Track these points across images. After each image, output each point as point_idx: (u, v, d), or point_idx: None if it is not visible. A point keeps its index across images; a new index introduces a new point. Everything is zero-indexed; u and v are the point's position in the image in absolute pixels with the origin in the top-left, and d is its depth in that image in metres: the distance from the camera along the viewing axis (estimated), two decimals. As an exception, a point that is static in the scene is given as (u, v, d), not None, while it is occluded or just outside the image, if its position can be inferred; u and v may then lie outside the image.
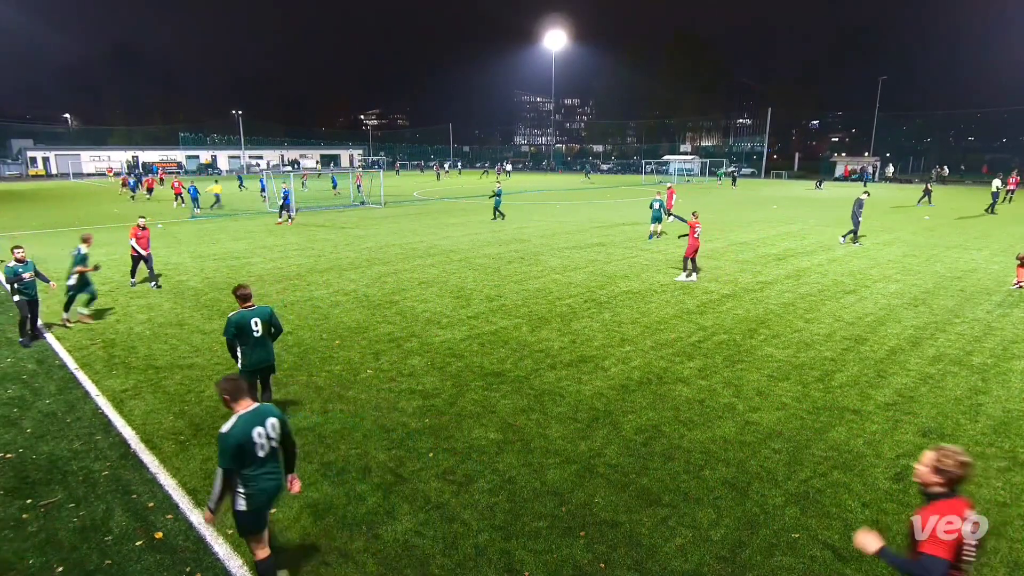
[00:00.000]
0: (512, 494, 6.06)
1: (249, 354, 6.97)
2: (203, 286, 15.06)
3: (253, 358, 6.99)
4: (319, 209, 35.00)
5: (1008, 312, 12.51)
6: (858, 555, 5.16)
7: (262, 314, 7.00)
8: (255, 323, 6.91)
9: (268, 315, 7.06)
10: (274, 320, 7.12)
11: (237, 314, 6.90)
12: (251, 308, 6.99)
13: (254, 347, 6.96)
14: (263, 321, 6.98)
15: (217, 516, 4.56)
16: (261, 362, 7.06)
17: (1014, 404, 8.10)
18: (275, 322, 7.13)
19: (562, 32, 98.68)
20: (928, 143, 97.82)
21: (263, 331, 6.98)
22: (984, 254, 19.43)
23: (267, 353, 7.11)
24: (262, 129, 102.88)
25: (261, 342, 6.99)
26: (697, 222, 15.59)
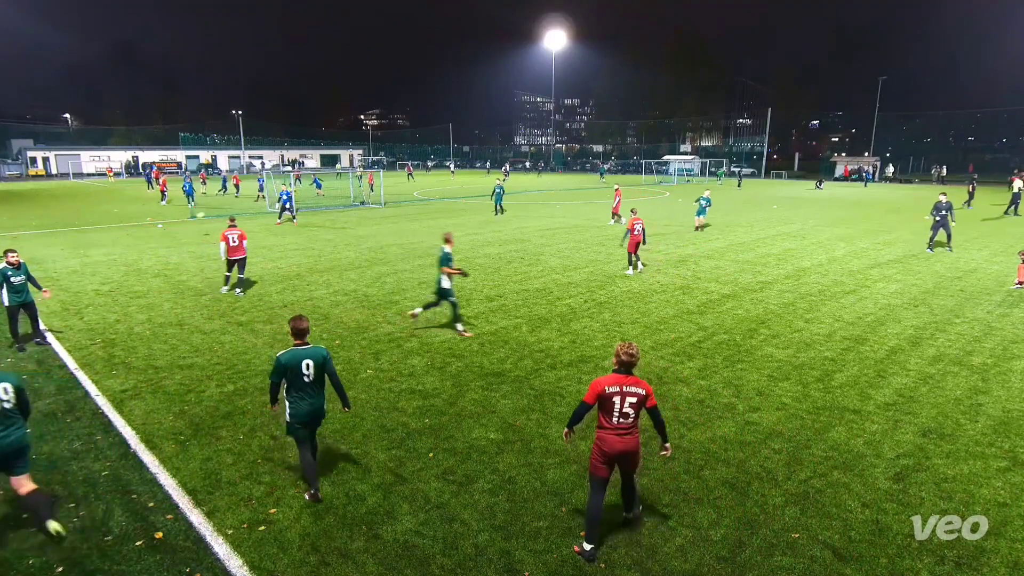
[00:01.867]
0: (512, 494, 6.06)
1: (297, 403, 5.90)
2: (203, 286, 15.06)
3: (301, 408, 5.90)
4: (319, 209, 35.00)
5: (1008, 312, 12.51)
6: (858, 555, 5.17)
7: (315, 356, 5.92)
8: (307, 365, 5.84)
9: (323, 358, 5.95)
10: (328, 365, 5.97)
11: (288, 353, 5.87)
12: (304, 347, 5.94)
13: (303, 395, 5.90)
14: (316, 364, 5.89)
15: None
16: (309, 414, 5.96)
17: (1014, 404, 8.10)
18: (329, 367, 5.98)
19: (562, 32, 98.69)
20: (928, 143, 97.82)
21: (315, 376, 5.90)
22: (984, 254, 19.43)
23: (318, 402, 6.02)
24: (262, 129, 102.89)
25: (311, 389, 5.93)
26: (636, 219, 16.59)
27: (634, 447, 5.23)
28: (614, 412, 5.10)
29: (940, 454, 6.81)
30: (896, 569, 5.00)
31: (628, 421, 5.13)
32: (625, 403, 5.10)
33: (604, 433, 5.18)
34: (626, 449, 5.17)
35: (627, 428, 5.15)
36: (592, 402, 5.18)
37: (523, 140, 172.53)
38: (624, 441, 5.14)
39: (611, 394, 5.09)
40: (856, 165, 74.03)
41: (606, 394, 5.11)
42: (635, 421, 5.17)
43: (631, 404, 5.10)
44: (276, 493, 6.08)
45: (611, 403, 5.09)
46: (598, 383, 5.19)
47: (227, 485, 6.23)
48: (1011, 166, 74.23)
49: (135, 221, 29.60)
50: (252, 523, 5.61)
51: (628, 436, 5.16)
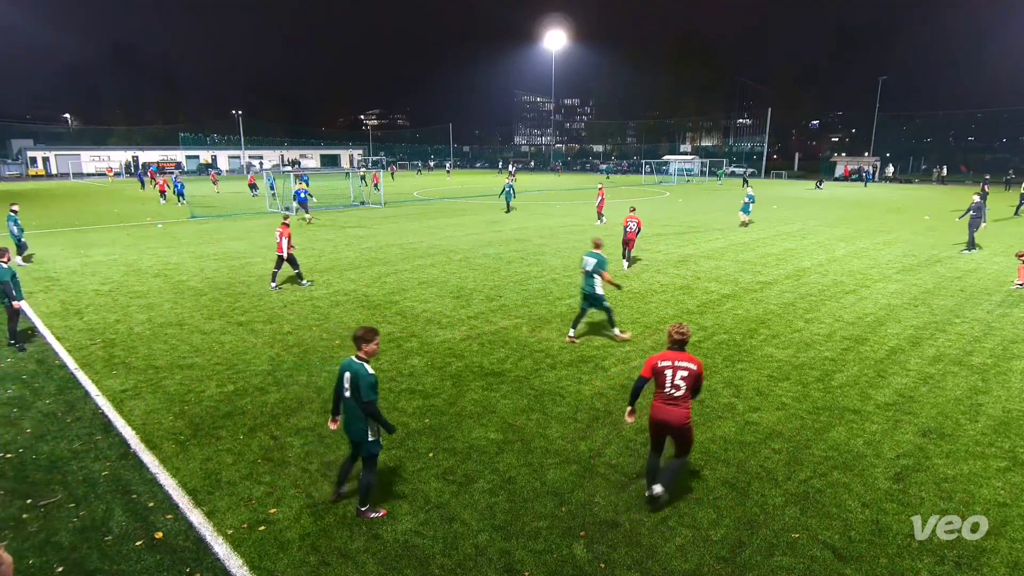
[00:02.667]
0: (512, 494, 6.06)
1: (342, 414, 5.76)
2: (203, 286, 15.06)
3: (343, 420, 5.75)
4: (319, 209, 34.99)
5: (1008, 312, 12.51)
6: (858, 555, 5.17)
7: (350, 369, 5.53)
8: (346, 379, 5.55)
9: (354, 373, 5.48)
10: (357, 382, 5.43)
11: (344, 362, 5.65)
12: (351, 359, 5.58)
13: (343, 409, 5.69)
14: (351, 378, 5.51)
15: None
16: (346, 429, 5.70)
17: (1014, 404, 8.10)
18: (357, 384, 5.43)
19: (562, 32, 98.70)
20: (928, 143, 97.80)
21: (351, 392, 5.52)
22: (984, 254, 19.43)
23: (353, 422, 5.58)
24: (262, 129, 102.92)
25: (349, 405, 5.58)
26: (631, 217, 17.22)
27: (677, 419, 5.70)
28: (666, 384, 5.68)
29: (940, 454, 6.81)
30: (896, 569, 5.00)
31: (678, 393, 5.66)
32: (676, 376, 5.65)
33: (654, 403, 5.81)
34: (668, 419, 5.71)
35: (675, 400, 5.69)
36: (649, 375, 5.76)
37: (523, 140, 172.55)
38: (668, 411, 5.70)
39: (663, 367, 5.68)
40: (856, 165, 74.06)
41: (659, 368, 5.70)
42: (685, 395, 5.68)
43: (682, 377, 5.64)
44: (276, 493, 6.08)
45: (663, 376, 5.69)
46: (652, 359, 5.81)
47: (227, 485, 6.23)
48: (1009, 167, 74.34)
49: (135, 221, 29.61)
50: (252, 523, 5.61)
51: (674, 407, 5.69)
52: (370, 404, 5.43)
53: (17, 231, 18.56)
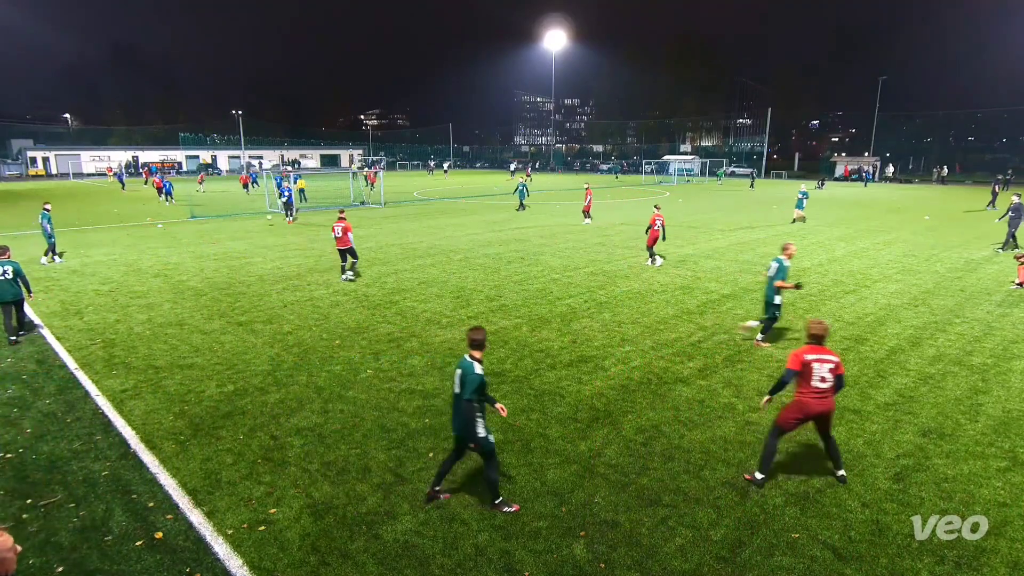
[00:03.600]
0: (512, 494, 6.06)
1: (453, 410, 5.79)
2: (203, 286, 15.06)
3: (452, 416, 5.83)
4: (320, 209, 35.00)
5: (1008, 312, 12.51)
6: (858, 555, 5.17)
7: (461, 366, 5.63)
8: (456, 375, 5.64)
9: (463, 370, 5.58)
10: (462, 378, 5.55)
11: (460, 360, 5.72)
12: (464, 357, 5.68)
13: (453, 405, 5.76)
14: (460, 375, 5.60)
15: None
16: (453, 425, 5.82)
17: (1014, 404, 8.10)
18: (463, 380, 5.54)
19: (562, 32, 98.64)
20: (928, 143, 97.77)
21: (459, 389, 5.58)
22: (984, 254, 19.43)
23: (457, 419, 5.67)
24: (262, 129, 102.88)
25: (455, 403, 5.70)
26: (658, 215, 17.26)
27: (829, 408, 6.04)
28: (813, 378, 5.94)
29: (940, 454, 6.81)
30: (896, 569, 5.00)
31: (826, 385, 5.95)
32: (823, 369, 5.93)
33: (803, 397, 6.03)
34: (825, 410, 6.01)
35: (824, 392, 5.97)
36: (798, 369, 5.99)
37: (523, 140, 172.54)
38: (822, 403, 5.98)
39: (811, 361, 5.95)
40: (856, 165, 74.05)
41: (807, 361, 5.96)
42: (832, 387, 5.99)
43: (828, 370, 5.93)
44: (276, 493, 6.08)
45: (811, 369, 5.95)
46: (799, 354, 6.04)
47: (227, 485, 6.23)
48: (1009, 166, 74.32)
49: (135, 221, 29.61)
50: (252, 523, 5.61)
51: (826, 399, 5.98)
52: (468, 403, 5.49)
53: (51, 229, 18.38)
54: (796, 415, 6.08)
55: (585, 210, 27.87)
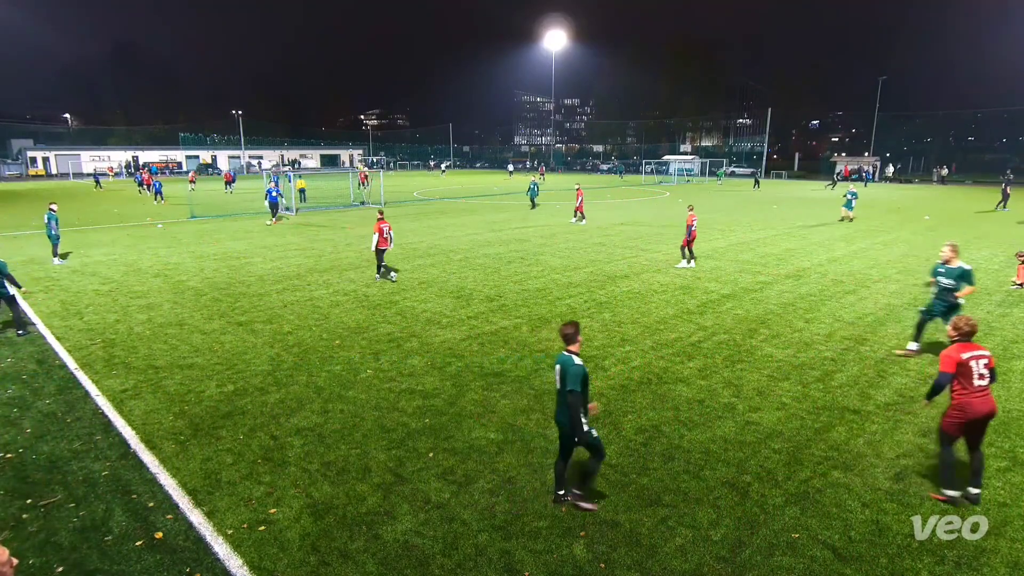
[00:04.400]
0: (512, 494, 6.06)
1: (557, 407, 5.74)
2: (203, 286, 15.06)
3: (556, 413, 5.79)
4: (320, 209, 35.02)
5: (1008, 312, 12.51)
6: (858, 555, 5.17)
7: (559, 362, 5.60)
8: (557, 371, 5.62)
9: (562, 365, 5.56)
10: (562, 372, 5.54)
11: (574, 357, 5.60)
12: (561, 353, 5.64)
13: (557, 402, 5.73)
14: (560, 371, 5.58)
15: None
16: (557, 421, 5.78)
17: (1014, 404, 8.10)
18: (563, 374, 5.52)
19: (562, 32, 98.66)
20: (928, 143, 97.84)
21: (560, 385, 5.61)
22: (984, 254, 19.42)
23: (562, 413, 5.64)
24: (263, 129, 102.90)
25: (559, 398, 5.64)
26: (693, 216, 17.29)
27: (995, 407, 5.78)
28: (973, 376, 5.66)
29: (940, 454, 6.80)
30: (896, 569, 5.00)
31: (985, 383, 5.71)
32: (980, 365, 5.68)
33: (966, 398, 5.73)
34: (991, 410, 5.74)
35: (985, 390, 5.72)
36: (954, 371, 5.70)
37: (523, 140, 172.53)
38: (986, 402, 5.72)
39: (968, 359, 5.66)
40: (856, 165, 74.05)
41: (963, 360, 5.67)
42: (990, 383, 5.74)
43: (984, 365, 5.70)
44: (276, 493, 6.08)
45: (969, 368, 5.66)
46: (951, 355, 5.73)
47: (227, 485, 6.23)
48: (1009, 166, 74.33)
49: (135, 221, 29.61)
50: (252, 523, 5.61)
51: (988, 397, 5.73)
52: (574, 394, 5.43)
53: (57, 230, 18.39)
54: (959, 418, 5.76)
55: (577, 210, 27.97)
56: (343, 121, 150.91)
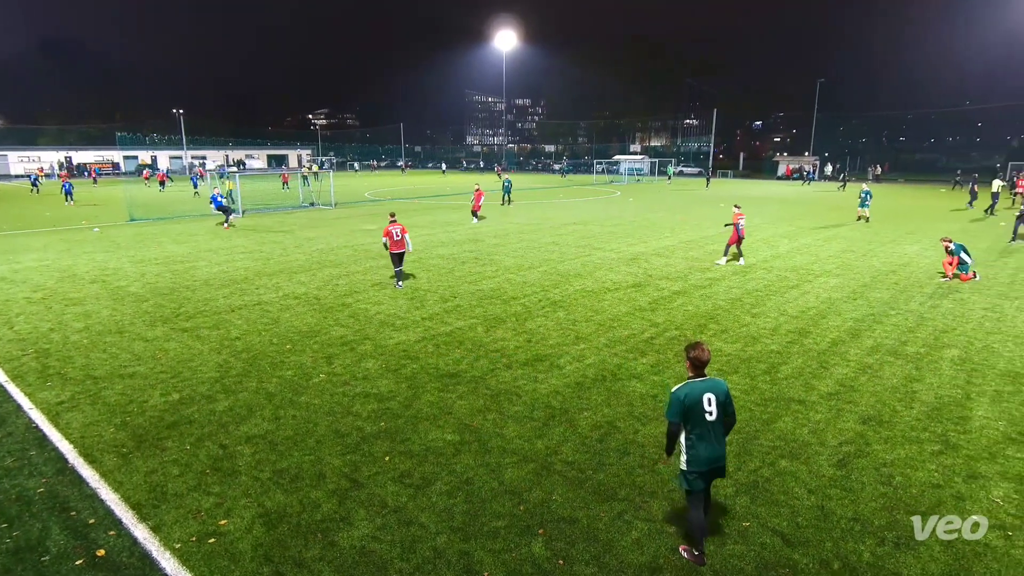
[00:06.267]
0: (470, 495, 6.05)
1: (696, 446, 4.94)
2: (144, 291, 14.48)
3: (702, 453, 4.93)
4: (266, 211, 34.14)
5: (938, 304, 13.20)
6: (805, 540, 5.36)
7: (717, 389, 4.96)
8: (708, 400, 4.90)
9: (725, 392, 4.99)
10: (729, 400, 5.01)
11: (685, 387, 4.96)
12: (703, 379, 5.01)
13: (703, 437, 4.93)
14: (718, 400, 4.93)
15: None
16: (712, 461, 4.97)
17: (945, 391, 8.55)
18: (730, 403, 5.02)
19: (512, 32, 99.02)
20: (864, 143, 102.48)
21: (718, 415, 4.93)
22: (916, 248, 20.44)
23: (720, 448, 5.00)
24: (206, 128, 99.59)
25: (713, 431, 4.94)
26: (740, 215, 17.55)
27: None
28: None
29: (879, 440, 7.13)
30: (841, 552, 5.21)
31: None
32: None
33: None
34: None
35: None
36: None
37: (475, 140, 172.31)
38: None
39: None
40: (797, 164, 76.88)
41: None
42: None
43: None
44: (226, 504, 5.89)
45: None
46: None
47: (174, 497, 6.00)
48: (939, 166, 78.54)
49: (69, 225, 28.23)
50: (201, 536, 5.42)
51: None
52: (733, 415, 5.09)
53: None
54: None
55: (474, 211, 28.15)
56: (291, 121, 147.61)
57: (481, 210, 28.49)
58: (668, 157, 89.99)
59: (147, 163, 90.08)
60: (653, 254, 19.38)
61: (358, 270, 16.96)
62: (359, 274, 16.40)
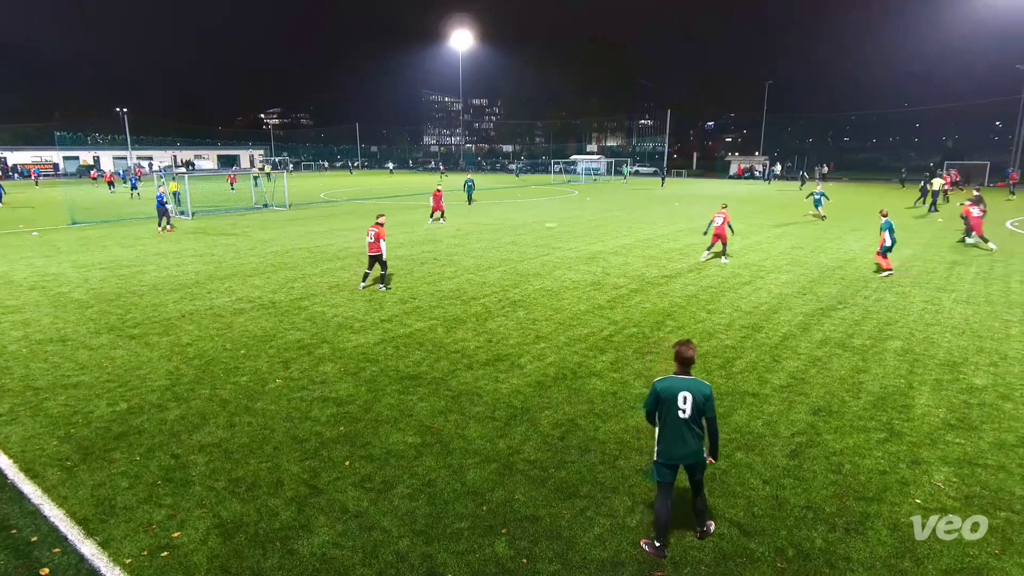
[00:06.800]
0: (432, 497, 6.01)
1: (665, 438, 5.15)
2: (88, 298, 13.90)
3: (670, 447, 5.14)
4: (218, 213, 33.21)
5: (882, 297, 13.75)
6: (761, 529, 5.51)
7: (697, 391, 5.09)
8: (683, 399, 5.07)
9: (705, 396, 5.09)
10: (710, 405, 5.11)
11: (665, 380, 5.22)
12: (686, 378, 5.19)
13: (672, 432, 5.12)
14: (695, 400, 5.06)
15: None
16: (680, 457, 5.13)
17: (890, 380, 8.91)
18: (710, 408, 5.11)
19: (468, 32, 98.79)
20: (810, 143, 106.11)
21: (691, 414, 5.07)
22: (861, 244, 21.25)
23: (690, 446, 5.11)
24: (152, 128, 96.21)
25: (685, 428, 5.08)
26: (720, 213, 18.14)
27: None
28: None
29: (829, 430, 7.38)
30: (795, 539, 5.37)
31: None
32: None
33: None
34: None
35: None
36: None
37: (432, 140, 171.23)
38: None
39: None
40: (748, 164, 79.05)
41: None
42: None
43: None
44: (180, 516, 5.71)
45: None
46: None
47: (123, 511, 5.78)
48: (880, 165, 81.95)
49: (4, 229, 26.88)
50: (153, 549, 5.24)
51: None
52: (714, 422, 5.23)
53: None
54: None
55: (435, 211, 28.05)
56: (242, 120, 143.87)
57: (441, 211, 28.19)
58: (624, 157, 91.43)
59: (89, 164, 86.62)
60: (611, 253, 19.62)
61: (314, 272, 16.66)
62: (315, 276, 16.11)
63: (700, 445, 5.16)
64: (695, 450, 5.13)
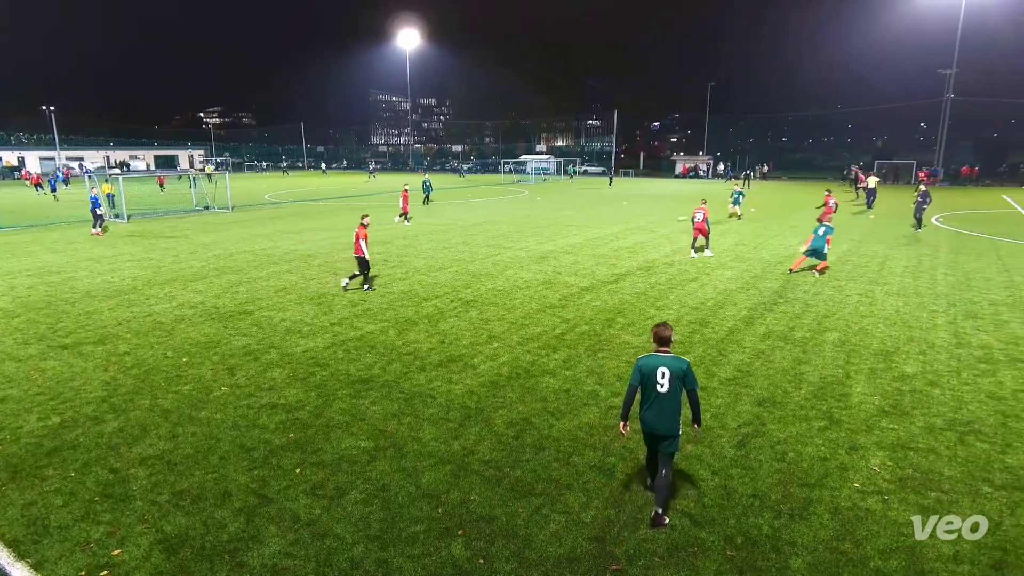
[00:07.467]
0: (387, 501, 5.94)
1: (644, 411, 5.65)
2: (14, 306, 13.14)
3: (647, 417, 5.63)
4: (155, 215, 31.92)
5: (820, 292, 14.33)
6: (711, 519, 5.66)
7: (674, 366, 5.52)
8: (662, 374, 5.51)
9: (682, 370, 5.52)
10: (689, 377, 5.55)
11: (646, 357, 5.65)
12: (665, 355, 5.60)
13: (651, 404, 5.58)
14: (672, 374, 5.50)
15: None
16: (655, 427, 5.61)
17: (828, 371, 9.29)
18: (690, 379, 5.55)
19: (415, 31, 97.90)
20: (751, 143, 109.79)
21: (670, 388, 5.51)
22: (800, 240, 22.06)
23: (664, 419, 5.56)
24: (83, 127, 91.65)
25: (663, 402, 5.54)
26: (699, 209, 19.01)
27: None
28: None
29: (773, 420, 7.65)
30: (743, 527, 5.55)
31: None
32: None
33: None
34: None
35: None
36: None
37: (381, 140, 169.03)
38: None
39: None
40: (693, 164, 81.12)
41: None
42: None
43: None
44: (120, 532, 5.46)
45: None
46: None
47: (57, 530, 5.49)
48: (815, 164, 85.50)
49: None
50: (91, 569, 4.99)
51: None
52: (695, 393, 5.63)
53: None
54: None
55: (403, 211, 28.48)
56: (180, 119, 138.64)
57: (405, 212, 28.41)
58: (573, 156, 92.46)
59: (13, 165, 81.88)
60: (562, 252, 19.80)
61: (260, 276, 16.21)
62: (261, 280, 15.68)
63: (674, 418, 5.58)
64: (669, 422, 5.57)
